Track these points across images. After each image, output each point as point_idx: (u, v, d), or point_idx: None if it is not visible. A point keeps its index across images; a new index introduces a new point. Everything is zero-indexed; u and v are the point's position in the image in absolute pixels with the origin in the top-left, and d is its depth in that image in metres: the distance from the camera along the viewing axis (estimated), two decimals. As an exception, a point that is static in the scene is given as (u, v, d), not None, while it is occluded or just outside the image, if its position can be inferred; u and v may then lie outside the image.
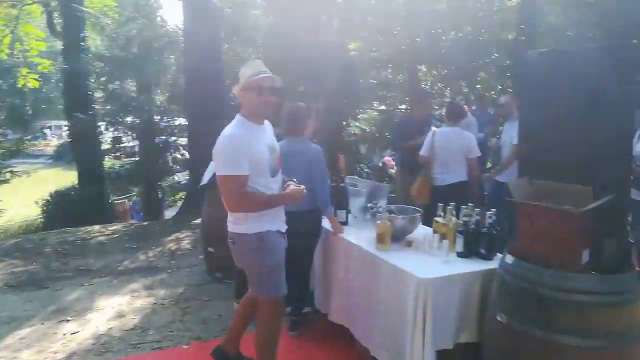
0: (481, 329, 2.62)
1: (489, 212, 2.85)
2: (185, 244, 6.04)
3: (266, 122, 2.72)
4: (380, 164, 13.68)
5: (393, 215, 3.24)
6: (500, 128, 5.43)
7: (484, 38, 9.64)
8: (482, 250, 2.84)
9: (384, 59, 11.37)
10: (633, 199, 3.73)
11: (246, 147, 2.47)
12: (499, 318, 2.39)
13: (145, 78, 9.55)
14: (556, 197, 2.34)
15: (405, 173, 5.62)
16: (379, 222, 3.05)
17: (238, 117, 2.60)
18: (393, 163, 12.82)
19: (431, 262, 2.80)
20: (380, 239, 3.02)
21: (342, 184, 3.64)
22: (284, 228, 2.76)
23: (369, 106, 12.68)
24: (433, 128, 5.16)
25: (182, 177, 14.41)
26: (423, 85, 11.48)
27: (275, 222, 2.68)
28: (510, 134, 4.85)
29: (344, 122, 11.74)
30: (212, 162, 3.38)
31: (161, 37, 9.42)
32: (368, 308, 3.00)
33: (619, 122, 2.18)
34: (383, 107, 13.03)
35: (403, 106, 11.93)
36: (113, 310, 4.07)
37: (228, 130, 2.54)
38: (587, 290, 2.14)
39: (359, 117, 12.97)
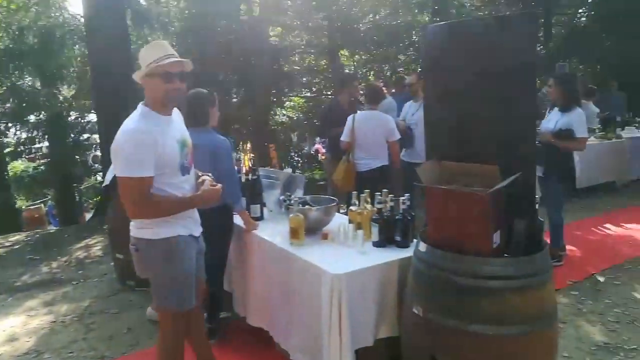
0: (400, 322, 2.50)
1: (403, 197, 2.72)
2: (96, 250, 5.54)
3: (175, 111, 2.36)
4: (313, 152, 13.55)
5: (307, 207, 3.04)
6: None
7: (402, 21, 9.68)
8: (398, 238, 2.72)
9: (305, 44, 11.17)
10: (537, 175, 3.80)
11: (151, 143, 2.10)
12: (414, 310, 2.27)
13: (47, 71, 8.68)
14: (465, 178, 2.24)
15: (333, 160, 5.48)
16: (291, 215, 2.84)
17: (141, 107, 2.22)
18: (324, 150, 12.71)
19: (346, 255, 2.64)
20: (293, 234, 2.82)
21: (254, 177, 3.40)
22: (197, 231, 2.44)
23: (295, 93, 12.47)
24: (362, 111, 5.03)
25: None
26: (347, 70, 11.41)
27: (187, 224, 2.34)
28: (420, 114, 4.81)
29: (272, 111, 11.47)
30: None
31: (61, 26, 8.58)
32: (284, 309, 2.80)
33: (521, 97, 2.09)
34: (309, 94, 12.87)
35: (330, 92, 11.82)
36: (4, 333, 3.59)
37: (129, 123, 2.15)
38: (499, 275, 2.05)
39: (285, 104, 12.73)
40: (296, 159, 12.85)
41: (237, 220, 3.23)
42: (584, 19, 13.54)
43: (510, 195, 2.15)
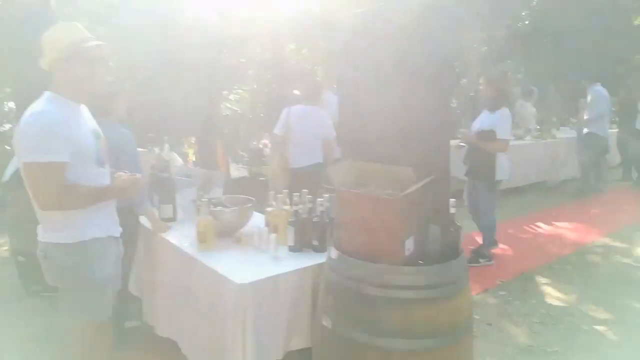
0: (312, 333, 2.31)
1: (320, 199, 2.53)
2: (3, 251, 5.05)
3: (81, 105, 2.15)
4: (261, 146, 13.23)
5: (219, 208, 2.80)
6: None
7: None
8: (315, 242, 2.54)
9: (251, 35, 10.83)
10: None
11: (64, 127, 1.91)
12: (324, 322, 2.09)
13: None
14: (379, 180, 2.07)
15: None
16: (199, 218, 2.60)
17: (48, 93, 2.00)
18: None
19: (257, 261, 2.43)
20: (201, 238, 2.57)
21: (165, 174, 3.12)
22: (117, 231, 2.23)
23: (239, 86, 12.11)
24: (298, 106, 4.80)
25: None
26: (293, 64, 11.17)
27: (105, 224, 2.13)
28: None
29: (217, 104, 11.06)
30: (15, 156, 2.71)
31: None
32: (191, 320, 2.56)
33: (434, 96, 1.94)
34: (255, 86, 12.53)
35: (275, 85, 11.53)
36: None
37: (37, 106, 1.95)
38: (409, 285, 1.90)
39: (230, 97, 12.35)
40: (241, 153, 12.51)
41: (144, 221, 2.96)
42: (527, 22, 13.92)
43: (424, 200, 2.00)
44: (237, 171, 11.30)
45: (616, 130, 8.36)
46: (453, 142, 5.08)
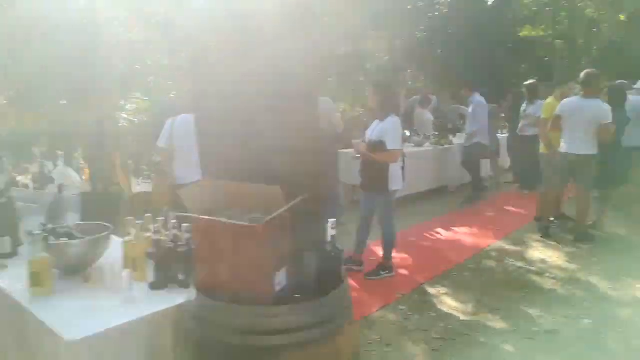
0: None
1: (186, 224, 2.15)
2: None
3: None
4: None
5: (63, 240, 2.30)
6: None
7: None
8: (181, 276, 2.14)
9: (144, 41, 10.12)
10: None
11: None
12: (180, 382, 1.71)
13: None
14: (243, 203, 1.74)
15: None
16: (30, 257, 2.09)
17: None
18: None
19: (105, 306, 1.98)
20: (34, 281, 2.06)
21: (2, 199, 2.54)
22: None
23: (137, 96, 11.28)
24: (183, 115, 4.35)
25: None
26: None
27: None
28: None
29: (112, 116, 10.16)
30: None
31: None
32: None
33: (304, 103, 1.66)
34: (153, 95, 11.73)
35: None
36: None
37: None
38: (279, 329, 1.58)
39: (127, 107, 11.46)
40: (142, 167, 11.63)
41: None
42: (424, 32, 14.51)
43: (297, 224, 1.70)
44: (139, 186, 10.46)
45: (506, 135, 8.81)
46: (350, 152, 4.94)
